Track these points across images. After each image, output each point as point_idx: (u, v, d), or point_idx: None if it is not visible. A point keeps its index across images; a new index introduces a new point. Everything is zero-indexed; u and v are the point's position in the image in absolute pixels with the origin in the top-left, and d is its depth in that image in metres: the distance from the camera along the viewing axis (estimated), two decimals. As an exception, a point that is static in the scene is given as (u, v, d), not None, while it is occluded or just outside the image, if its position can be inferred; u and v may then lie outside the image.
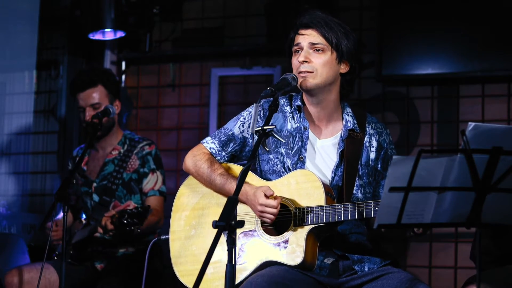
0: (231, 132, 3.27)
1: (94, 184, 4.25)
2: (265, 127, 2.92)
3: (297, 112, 3.22)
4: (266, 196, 3.00)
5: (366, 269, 3.05)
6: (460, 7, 4.76)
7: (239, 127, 3.27)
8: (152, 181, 4.24)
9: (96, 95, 4.21)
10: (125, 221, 3.68)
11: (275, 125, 3.20)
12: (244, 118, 3.28)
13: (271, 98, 2.96)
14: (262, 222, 3.06)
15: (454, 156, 2.40)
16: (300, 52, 3.13)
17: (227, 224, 2.47)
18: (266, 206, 2.99)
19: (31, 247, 4.40)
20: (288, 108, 3.24)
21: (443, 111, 4.94)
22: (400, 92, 5.03)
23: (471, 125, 2.38)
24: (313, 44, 3.11)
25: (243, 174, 2.67)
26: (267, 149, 3.20)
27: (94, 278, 4.07)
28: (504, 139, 2.40)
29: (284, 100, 3.27)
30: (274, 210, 2.99)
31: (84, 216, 4.26)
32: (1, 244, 4.67)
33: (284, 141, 3.17)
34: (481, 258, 2.59)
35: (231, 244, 2.48)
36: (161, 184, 4.26)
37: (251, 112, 3.27)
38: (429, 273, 4.84)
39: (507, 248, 3.32)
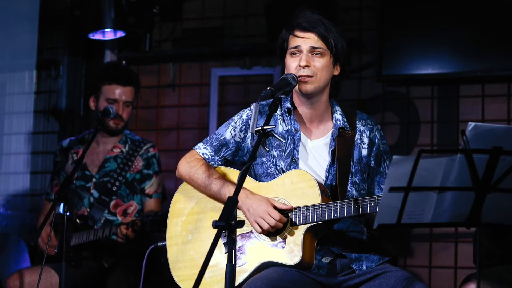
0: (222, 137, 3.26)
1: (94, 180, 4.25)
2: (265, 127, 2.92)
3: (288, 114, 3.22)
4: (274, 207, 3.01)
5: (364, 267, 3.05)
6: (460, 7, 4.75)
7: (230, 132, 3.26)
8: (156, 184, 4.34)
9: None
10: (149, 229, 3.76)
11: (275, 125, 3.20)
12: (235, 123, 3.28)
13: (262, 102, 2.95)
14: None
15: (454, 156, 2.41)
16: (298, 54, 3.12)
17: (227, 224, 2.47)
18: (269, 214, 2.99)
19: (31, 247, 4.39)
20: (278, 111, 3.23)
21: (443, 111, 4.93)
22: (400, 92, 5.03)
23: (471, 125, 2.38)
24: (314, 48, 3.11)
25: (243, 175, 2.67)
26: (267, 149, 3.20)
27: (101, 274, 4.07)
28: (504, 139, 2.40)
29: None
30: (273, 221, 2.98)
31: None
32: (1, 244, 4.67)
33: (284, 141, 3.17)
34: (481, 256, 2.59)
35: (231, 244, 2.48)
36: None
37: (242, 116, 3.28)
38: (429, 273, 4.84)
39: (507, 248, 3.32)
